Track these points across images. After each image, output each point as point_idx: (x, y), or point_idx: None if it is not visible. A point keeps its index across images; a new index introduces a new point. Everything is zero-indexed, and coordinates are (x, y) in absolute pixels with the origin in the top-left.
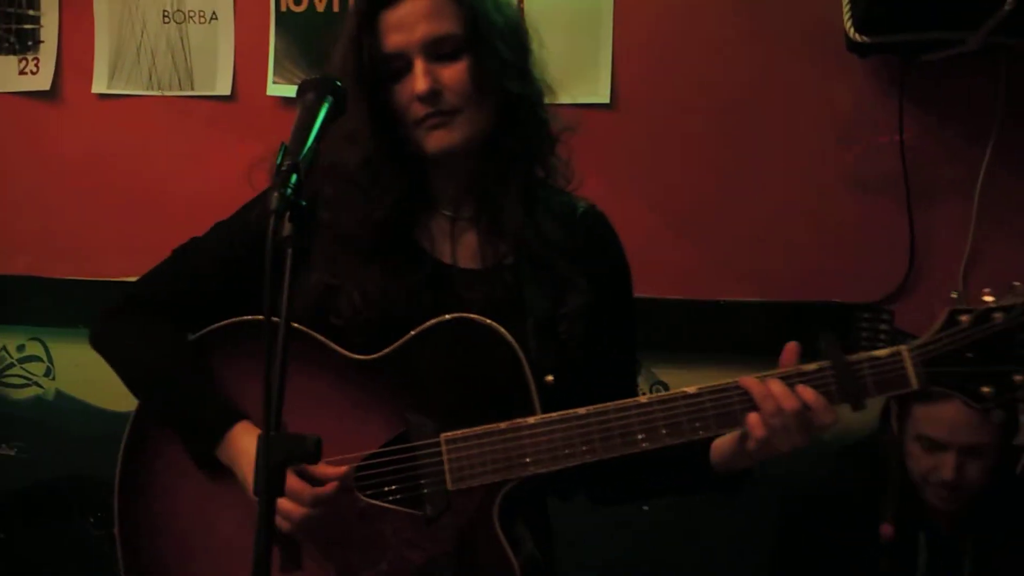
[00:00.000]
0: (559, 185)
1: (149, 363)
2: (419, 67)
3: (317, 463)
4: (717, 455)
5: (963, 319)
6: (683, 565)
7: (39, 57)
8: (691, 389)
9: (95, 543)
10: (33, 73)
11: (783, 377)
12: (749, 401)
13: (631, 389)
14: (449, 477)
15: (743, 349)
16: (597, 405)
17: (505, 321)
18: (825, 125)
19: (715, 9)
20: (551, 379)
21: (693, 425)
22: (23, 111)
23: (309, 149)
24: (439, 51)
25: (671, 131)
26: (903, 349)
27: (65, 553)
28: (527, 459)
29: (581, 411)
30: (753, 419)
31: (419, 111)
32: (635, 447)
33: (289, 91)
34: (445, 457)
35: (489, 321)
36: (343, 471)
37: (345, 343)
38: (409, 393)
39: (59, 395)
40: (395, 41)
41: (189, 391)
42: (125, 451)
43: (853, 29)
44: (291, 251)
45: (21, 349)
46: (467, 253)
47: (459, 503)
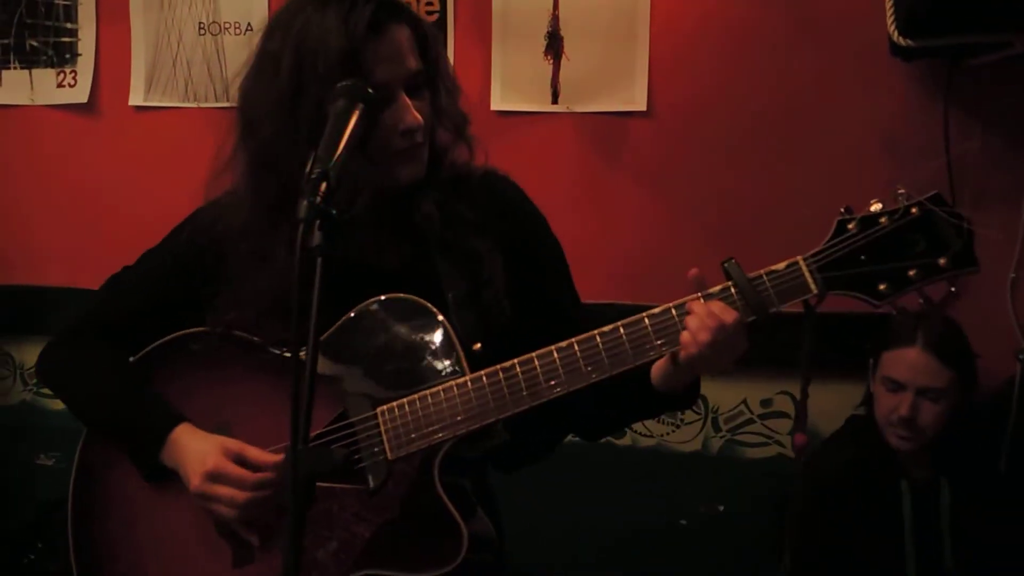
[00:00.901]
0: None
1: (91, 385)
2: (406, 101)
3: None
4: (656, 377)
5: (851, 227)
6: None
7: (77, 70)
8: (606, 328)
9: None
10: (71, 86)
11: (701, 298)
12: (660, 330)
13: (582, 330)
14: (388, 446)
15: (783, 361)
16: (524, 356)
17: (428, 300)
18: (868, 132)
19: (753, 15)
20: (479, 347)
21: (611, 360)
22: (61, 124)
23: (339, 157)
24: (413, 85)
25: (708, 139)
26: (799, 259)
27: None
28: (459, 417)
29: (507, 364)
30: (687, 339)
31: (402, 143)
32: (560, 390)
33: None
34: (382, 428)
35: (411, 296)
36: (280, 457)
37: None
38: (344, 377)
39: None
40: (384, 73)
41: (130, 403)
42: (75, 479)
43: (897, 32)
44: (320, 261)
45: None
46: (388, 254)
47: (400, 471)
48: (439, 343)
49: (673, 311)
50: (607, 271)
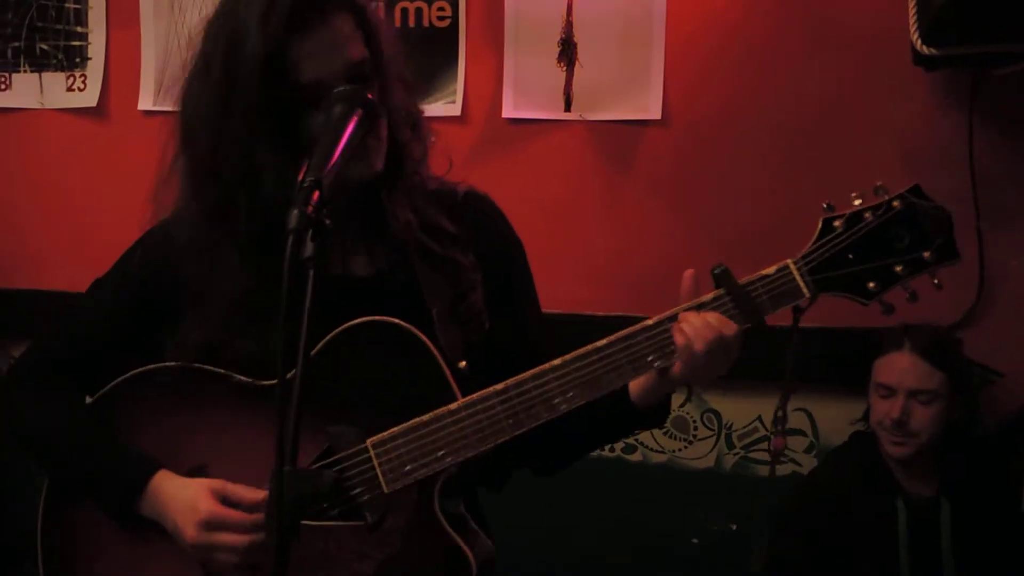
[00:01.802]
0: (430, 176)
1: (49, 431)
2: None
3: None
4: (636, 393)
5: (837, 224)
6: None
7: (86, 74)
8: (600, 342)
9: None
10: (80, 90)
11: (693, 307)
12: (656, 344)
13: (545, 355)
14: (383, 480)
15: (801, 376)
16: (514, 377)
17: (408, 317)
18: (889, 142)
19: (771, 21)
20: (464, 365)
21: (609, 376)
22: (71, 127)
23: (334, 165)
24: (357, 75)
25: (724, 148)
26: (789, 262)
27: None
28: (456, 445)
29: (499, 387)
30: (685, 356)
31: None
32: (557, 410)
33: None
34: (375, 461)
35: (391, 319)
36: (264, 493)
37: (248, 371)
38: (326, 407)
39: None
40: (313, 72)
41: (96, 451)
42: (42, 525)
43: (920, 41)
44: (312, 273)
45: None
46: (357, 262)
47: (399, 503)
48: (426, 368)
49: (669, 324)
50: (619, 282)
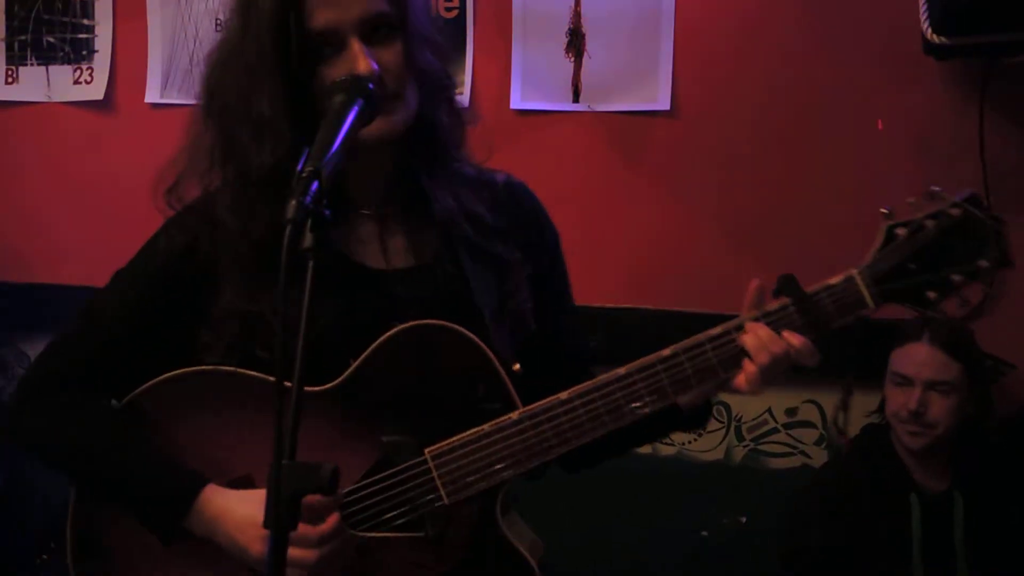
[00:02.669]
0: (468, 163)
1: (79, 443)
2: (357, 46)
3: (334, 494)
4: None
5: (900, 233)
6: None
7: (93, 67)
8: (666, 351)
9: None
10: (87, 83)
11: (755, 320)
12: (724, 353)
13: (584, 352)
14: (444, 492)
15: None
16: (578, 387)
17: (458, 317)
18: (900, 133)
19: (781, 11)
20: (518, 367)
21: (676, 387)
22: (78, 120)
23: (333, 155)
24: (374, 31)
25: (734, 139)
26: (854, 272)
27: None
28: (519, 456)
29: (563, 395)
30: (751, 368)
31: None
32: (623, 421)
33: None
34: (435, 472)
35: (446, 323)
36: (331, 502)
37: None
38: (378, 416)
39: None
40: (326, 17)
41: (135, 464)
42: (74, 547)
43: (931, 30)
44: (312, 264)
45: None
46: (397, 252)
47: (460, 515)
48: (483, 375)
49: (736, 333)
50: (627, 273)
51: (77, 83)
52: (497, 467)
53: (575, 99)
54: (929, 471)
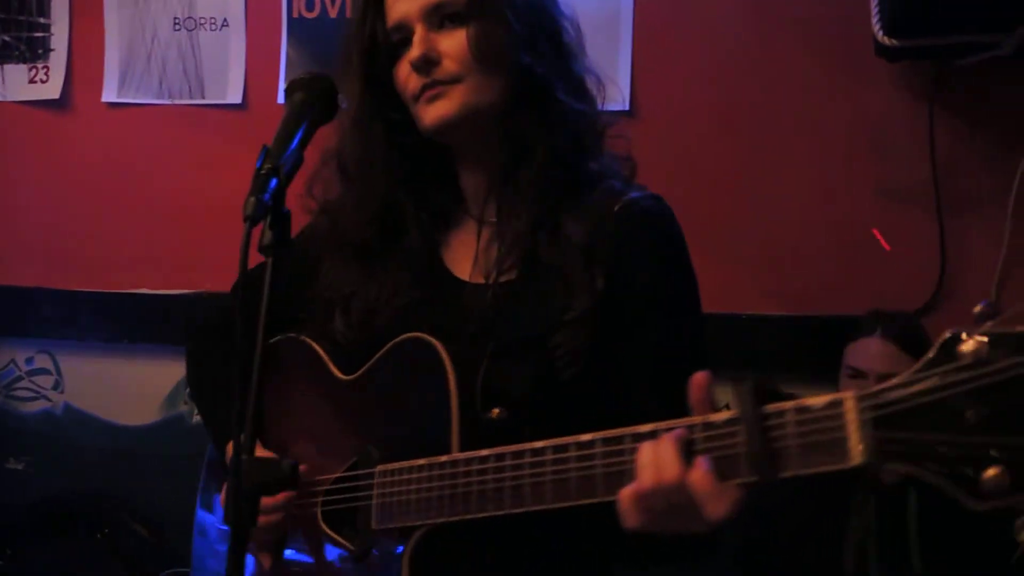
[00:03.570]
0: (610, 183)
1: (205, 377)
2: (417, 35)
3: (294, 489)
4: None
5: (964, 350)
6: None
7: (49, 65)
8: (585, 437)
9: (103, 558)
10: (43, 81)
11: (689, 427)
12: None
13: (672, 408)
14: (374, 514)
15: (768, 365)
16: (515, 446)
17: (481, 343)
18: (853, 133)
19: (737, 14)
20: (497, 413)
21: (580, 486)
22: (33, 120)
23: (292, 153)
24: (440, 19)
25: (692, 139)
26: (847, 396)
27: (73, 569)
28: (437, 503)
29: (483, 453)
30: (626, 491)
31: (415, 84)
32: (522, 505)
33: None
34: (375, 491)
35: (434, 342)
36: (281, 498)
37: (345, 361)
38: (368, 417)
39: (67, 408)
40: (398, 12)
41: (215, 409)
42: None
43: (882, 32)
44: (271, 261)
45: (30, 362)
46: (481, 264)
47: (382, 543)
48: (439, 406)
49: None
50: None
51: (32, 82)
52: (419, 507)
53: None
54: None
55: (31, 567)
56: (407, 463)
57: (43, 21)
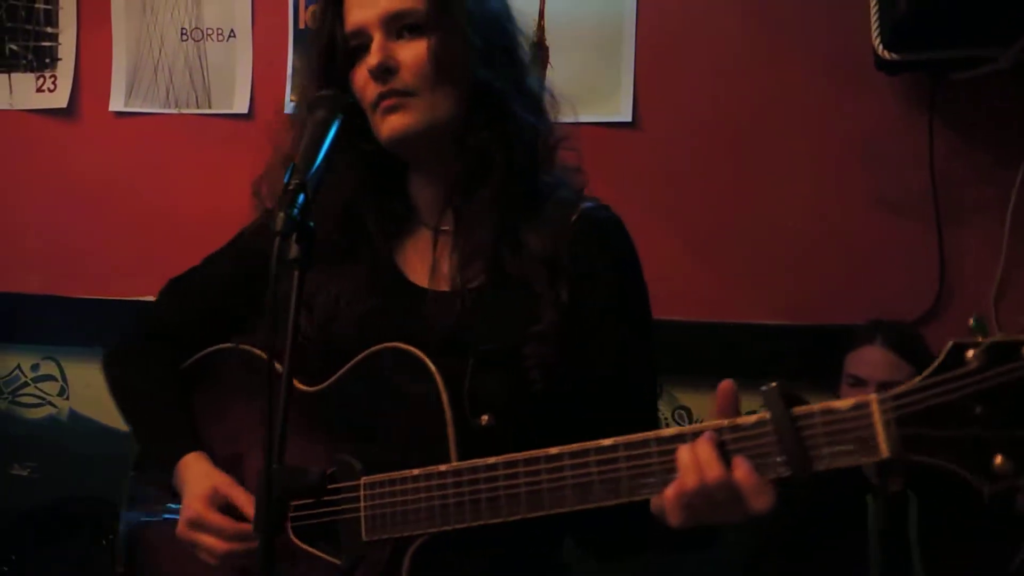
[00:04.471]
0: (562, 194)
1: (135, 390)
2: (375, 42)
3: (321, 497)
4: (656, 506)
5: (970, 355)
6: None
7: (56, 74)
8: (606, 441)
9: (107, 564)
10: (51, 91)
11: (718, 430)
12: (668, 462)
13: (646, 416)
14: (364, 526)
15: (767, 373)
16: (511, 455)
17: (453, 351)
18: (852, 145)
19: (739, 27)
20: (487, 419)
21: (606, 487)
22: (40, 129)
23: (318, 168)
24: (400, 28)
25: (694, 150)
26: (872, 399)
27: (77, 575)
28: (436, 512)
29: (490, 460)
30: (669, 492)
31: (373, 92)
32: (541, 509)
33: None
34: (362, 503)
35: (417, 352)
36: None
37: (304, 370)
38: (343, 430)
39: (73, 415)
40: (356, 17)
41: (157, 419)
42: (129, 485)
43: (882, 46)
44: (297, 274)
45: (35, 368)
46: (441, 272)
47: (373, 555)
48: (433, 415)
49: (689, 440)
50: None
51: (40, 91)
52: (415, 517)
53: None
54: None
55: (36, 573)
56: (400, 473)
57: (51, 30)
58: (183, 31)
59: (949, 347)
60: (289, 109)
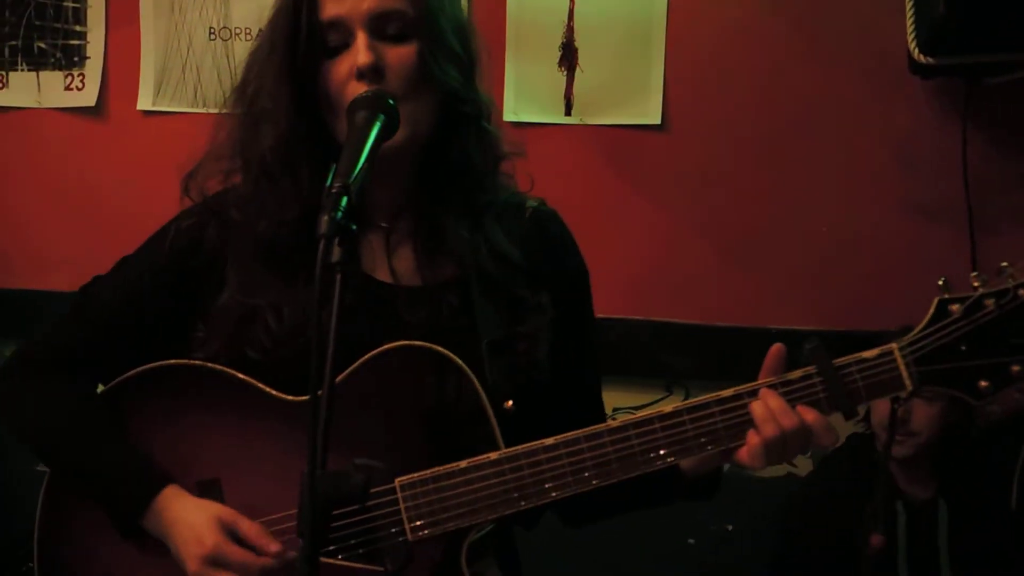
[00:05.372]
0: (507, 193)
1: (54, 426)
2: (362, 40)
3: (366, 503)
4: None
5: (954, 310)
6: None
7: (85, 73)
8: (667, 408)
9: None
10: (79, 89)
11: (771, 387)
12: (732, 419)
13: (597, 404)
14: (408, 526)
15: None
16: (566, 434)
17: (455, 345)
18: (885, 149)
19: (771, 28)
20: (511, 405)
21: (674, 450)
22: (69, 127)
23: (361, 170)
24: (385, 29)
25: (724, 153)
26: (894, 347)
27: None
28: (492, 501)
29: (548, 442)
30: (754, 441)
31: (354, 92)
32: (609, 479)
33: None
34: (402, 504)
35: (438, 347)
36: (281, 547)
37: (270, 381)
38: (355, 435)
39: None
40: (336, 9)
41: (103, 454)
42: (40, 521)
43: (917, 50)
44: (340, 277)
45: None
46: (406, 270)
47: (422, 554)
48: (468, 408)
49: (748, 399)
50: (618, 286)
51: (68, 89)
52: (470, 508)
53: (567, 113)
54: (914, 479)
55: None
56: (442, 468)
57: (79, 29)
58: (211, 30)
59: (936, 303)
60: None
